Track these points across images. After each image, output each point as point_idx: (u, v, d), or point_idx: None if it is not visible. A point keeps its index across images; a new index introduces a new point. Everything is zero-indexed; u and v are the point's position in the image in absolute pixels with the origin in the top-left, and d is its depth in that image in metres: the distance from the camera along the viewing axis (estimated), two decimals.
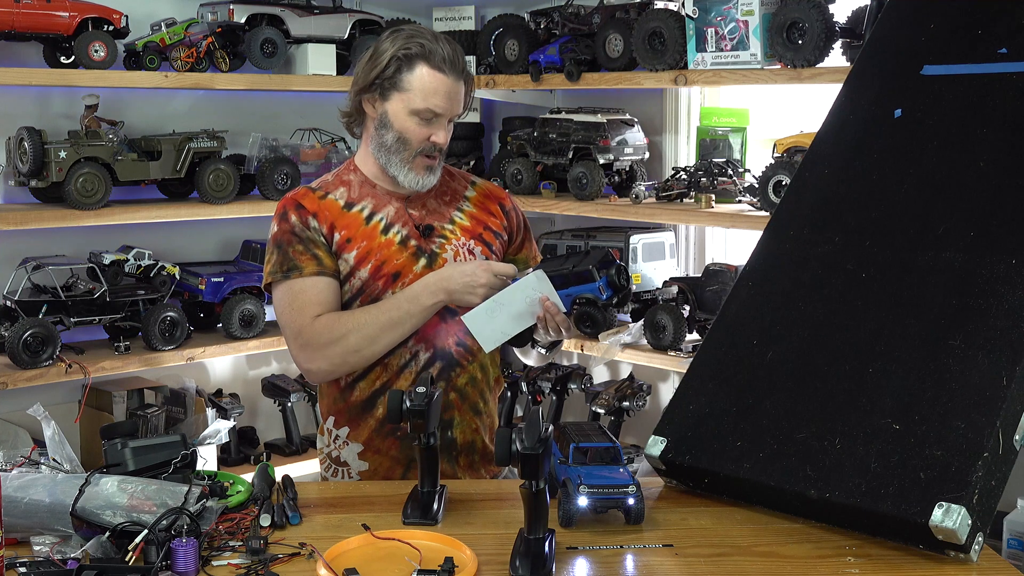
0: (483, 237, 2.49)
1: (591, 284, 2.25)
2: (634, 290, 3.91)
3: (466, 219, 2.50)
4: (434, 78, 2.35)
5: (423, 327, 2.37)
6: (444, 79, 2.35)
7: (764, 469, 2.09)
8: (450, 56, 2.35)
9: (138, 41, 3.69)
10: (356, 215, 2.42)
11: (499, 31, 4.23)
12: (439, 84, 2.35)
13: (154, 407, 3.80)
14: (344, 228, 2.40)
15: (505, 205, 2.57)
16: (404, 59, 2.34)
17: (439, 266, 2.40)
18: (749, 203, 3.64)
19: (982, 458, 1.88)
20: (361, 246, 2.39)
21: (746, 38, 3.44)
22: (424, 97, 2.35)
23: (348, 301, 2.40)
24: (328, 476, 2.53)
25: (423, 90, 2.35)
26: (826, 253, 2.34)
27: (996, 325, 2.02)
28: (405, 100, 2.36)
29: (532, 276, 2.27)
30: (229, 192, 3.82)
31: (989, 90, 2.37)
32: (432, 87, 2.35)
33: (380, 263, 2.38)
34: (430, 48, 2.34)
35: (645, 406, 4.00)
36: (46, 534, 1.92)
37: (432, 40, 2.36)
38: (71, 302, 3.55)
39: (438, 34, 2.40)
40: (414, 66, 2.34)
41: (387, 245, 2.40)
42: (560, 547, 1.95)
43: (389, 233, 2.41)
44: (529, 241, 2.62)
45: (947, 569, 1.89)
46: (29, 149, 3.45)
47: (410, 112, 2.36)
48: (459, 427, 2.45)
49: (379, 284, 2.38)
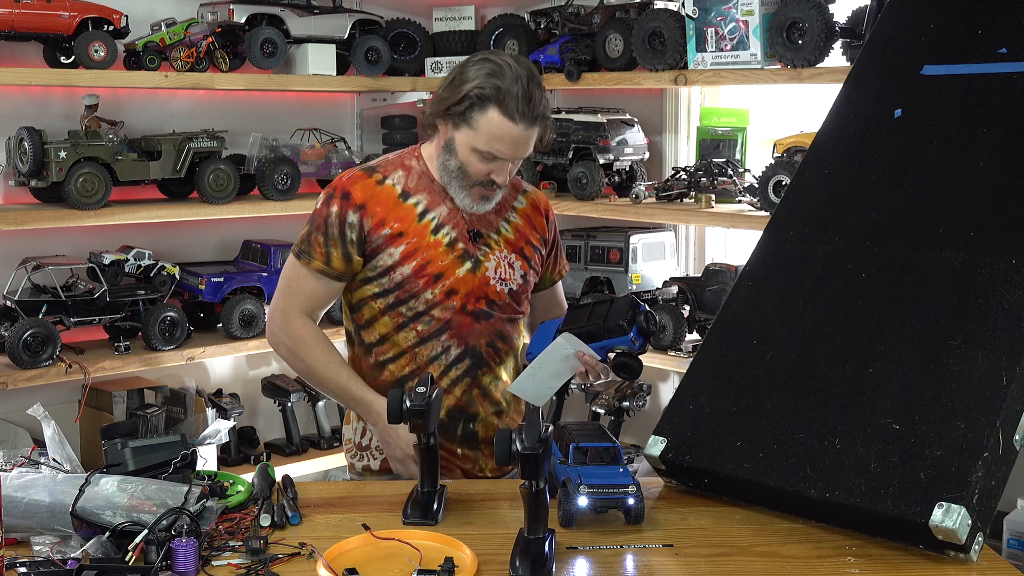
0: (524, 252, 2.52)
1: (624, 337, 2.29)
2: (634, 290, 3.92)
3: (511, 231, 2.52)
4: (503, 125, 2.31)
5: (457, 325, 2.43)
6: (512, 127, 2.31)
7: (764, 469, 2.09)
8: (524, 103, 2.30)
9: (138, 41, 3.69)
10: (410, 208, 2.44)
11: (499, 31, 4.23)
12: (506, 131, 2.32)
13: (154, 407, 3.80)
14: (397, 221, 2.42)
15: (549, 217, 2.61)
16: (477, 99, 2.31)
17: (482, 273, 2.43)
18: (749, 203, 3.64)
19: (982, 458, 1.88)
20: (411, 242, 2.41)
21: (746, 38, 3.44)
22: (488, 141, 2.33)
23: (385, 292, 2.43)
24: (354, 462, 2.58)
25: (489, 134, 2.33)
26: (826, 253, 2.34)
27: (996, 325, 2.02)
28: (471, 137, 2.35)
29: (561, 340, 2.31)
30: (229, 192, 3.82)
31: (989, 90, 2.37)
32: (498, 133, 2.32)
33: (425, 262, 2.41)
34: (506, 92, 2.29)
35: (645, 406, 4.00)
36: (46, 534, 1.92)
37: (513, 81, 2.30)
38: (71, 302, 3.55)
39: (522, 73, 2.32)
40: (486, 108, 2.31)
41: (435, 245, 2.42)
42: (560, 547, 1.95)
43: (439, 233, 2.43)
44: (557, 257, 2.65)
45: (947, 569, 1.89)
46: (29, 149, 3.45)
47: (473, 149, 2.35)
48: (482, 422, 2.49)
49: (420, 283, 2.41)
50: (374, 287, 2.44)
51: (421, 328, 2.43)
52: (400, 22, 4.37)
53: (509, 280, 2.48)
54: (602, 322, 2.31)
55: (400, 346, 2.45)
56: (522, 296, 2.52)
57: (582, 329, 2.32)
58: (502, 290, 2.46)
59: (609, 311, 2.32)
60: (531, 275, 2.54)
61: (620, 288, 3.94)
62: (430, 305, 2.41)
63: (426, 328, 2.43)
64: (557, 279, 2.66)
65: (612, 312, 2.31)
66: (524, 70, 2.32)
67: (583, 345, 2.31)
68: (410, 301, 2.42)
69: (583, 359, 2.33)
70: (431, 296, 2.41)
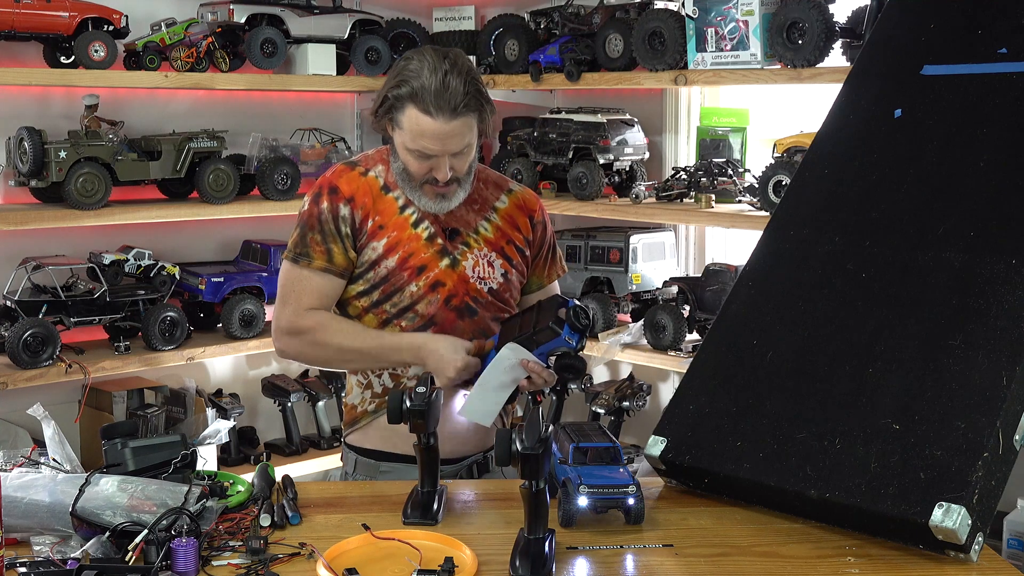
0: (505, 251, 2.49)
1: (558, 338, 2.22)
2: (634, 290, 3.92)
3: (491, 231, 2.49)
4: (421, 120, 2.28)
5: (442, 320, 2.40)
6: (431, 122, 2.28)
7: (764, 469, 2.09)
8: (440, 95, 2.26)
9: (138, 41, 3.69)
10: (392, 201, 2.43)
11: (499, 31, 4.23)
12: (427, 127, 2.28)
13: (154, 407, 3.80)
14: (379, 214, 2.42)
15: (535, 217, 2.56)
16: (395, 99, 2.31)
17: (461, 270, 2.41)
18: (749, 203, 3.64)
19: (982, 458, 1.88)
20: (391, 236, 2.41)
21: (746, 38, 3.44)
22: (414, 138, 2.32)
23: (371, 288, 2.42)
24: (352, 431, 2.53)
25: (412, 131, 2.31)
26: (826, 253, 2.34)
27: (996, 325, 2.02)
28: (402, 136, 2.34)
29: (506, 351, 2.25)
30: (229, 192, 3.82)
31: (989, 90, 2.37)
32: (419, 130, 2.30)
33: (407, 255, 2.41)
34: (420, 88, 2.27)
35: (645, 406, 4.00)
36: (46, 534, 1.92)
37: (430, 74, 2.26)
38: (71, 302, 3.55)
39: (440, 65, 2.28)
40: (404, 106, 2.30)
41: (416, 239, 2.42)
42: (560, 547, 1.95)
43: (419, 228, 2.42)
44: (550, 261, 2.60)
45: (947, 569, 1.89)
46: (29, 149, 3.45)
47: (406, 148, 2.35)
48: None
49: (404, 275, 2.40)
50: (359, 285, 2.42)
51: (405, 324, 2.41)
52: (400, 22, 4.37)
53: (488, 279, 2.45)
54: (532, 328, 2.25)
55: None
56: (506, 295, 2.49)
57: (517, 339, 2.26)
58: (482, 288, 2.44)
59: (538, 316, 2.27)
60: (514, 275, 2.50)
61: (620, 288, 3.94)
62: (415, 299, 2.40)
63: (410, 324, 2.41)
64: (547, 283, 2.59)
65: (540, 316, 2.26)
66: (445, 62, 2.28)
67: (527, 353, 2.24)
68: (394, 296, 2.40)
69: (528, 367, 2.26)
70: (415, 289, 2.39)
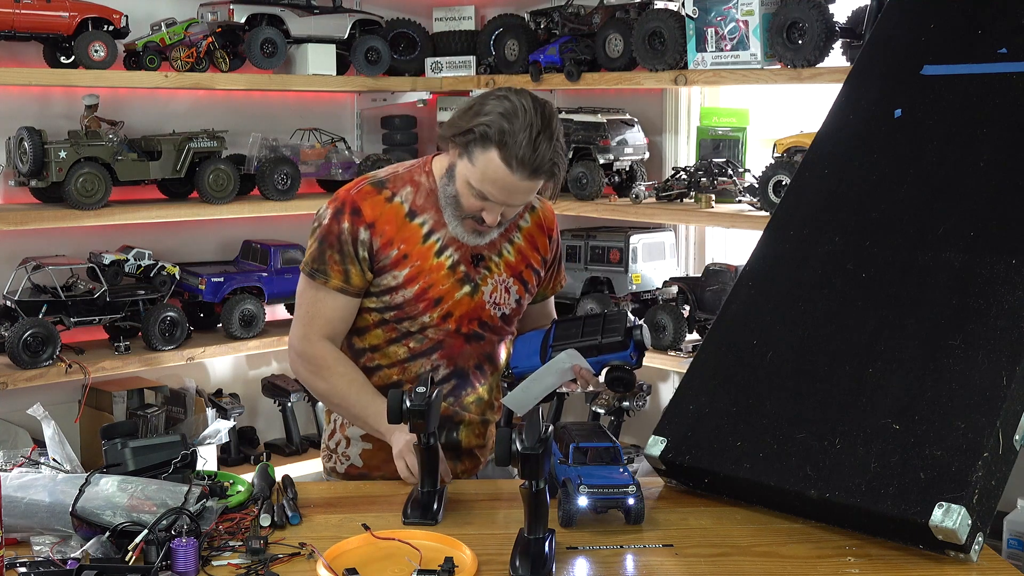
0: (522, 275, 2.48)
1: (622, 353, 2.28)
2: (634, 290, 3.92)
3: (513, 254, 2.47)
4: (499, 169, 2.22)
5: (449, 346, 2.41)
6: (507, 174, 2.22)
7: (764, 469, 2.09)
8: (527, 152, 2.19)
9: (138, 41, 3.69)
10: (416, 229, 2.39)
11: (499, 31, 4.23)
12: (501, 176, 2.22)
13: (154, 407, 3.80)
14: (403, 242, 2.37)
15: (552, 236, 2.56)
16: (481, 136, 2.23)
17: (479, 298, 2.40)
18: (749, 203, 3.64)
19: (982, 458, 1.88)
20: (415, 265, 2.37)
21: (746, 38, 3.44)
22: (481, 180, 2.25)
23: (385, 308, 2.40)
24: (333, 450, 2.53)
25: (483, 173, 2.25)
26: (826, 253, 2.34)
27: (996, 325, 2.02)
28: (468, 170, 2.27)
29: (564, 355, 2.28)
30: (229, 192, 3.82)
31: (989, 90, 2.37)
32: (493, 176, 2.23)
33: (427, 286, 2.37)
34: (511, 137, 2.19)
35: (645, 406, 4.00)
36: (46, 534, 1.92)
37: (523, 128, 2.19)
38: (71, 302, 3.55)
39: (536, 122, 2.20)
40: (488, 147, 2.21)
41: (438, 268, 2.38)
42: (560, 547, 1.95)
43: (442, 256, 2.39)
44: (556, 273, 2.60)
45: (947, 569, 1.89)
46: (29, 149, 3.45)
47: (467, 183, 2.29)
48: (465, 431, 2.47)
49: (420, 307, 2.38)
50: (373, 302, 2.40)
51: (413, 345, 2.41)
52: (400, 22, 4.37)
53: (503, 304, 2.44)
54: (599, 338, 2.28)
55: (390, 358, 2.43)
56: (513, 318, 2.50)
57: (579, 345, 2.29)
58: (495, 314, 2.44)
59: (604, 327, 2.30)
60: (526, 299, 2.50)
61: (620, 288, 3.94)
62: (425, 326, 2.39)
63: (418, 345, 2.40)
64: (550, 294, 2.62)
65: (608, 328, 2.29)
66: (541, 119, 2.21)
67: (583, 360, 2.28)
68: (406, 321, 2.39)
69: (580, 373, 2.29)
70: (428, 319, 2.38)
